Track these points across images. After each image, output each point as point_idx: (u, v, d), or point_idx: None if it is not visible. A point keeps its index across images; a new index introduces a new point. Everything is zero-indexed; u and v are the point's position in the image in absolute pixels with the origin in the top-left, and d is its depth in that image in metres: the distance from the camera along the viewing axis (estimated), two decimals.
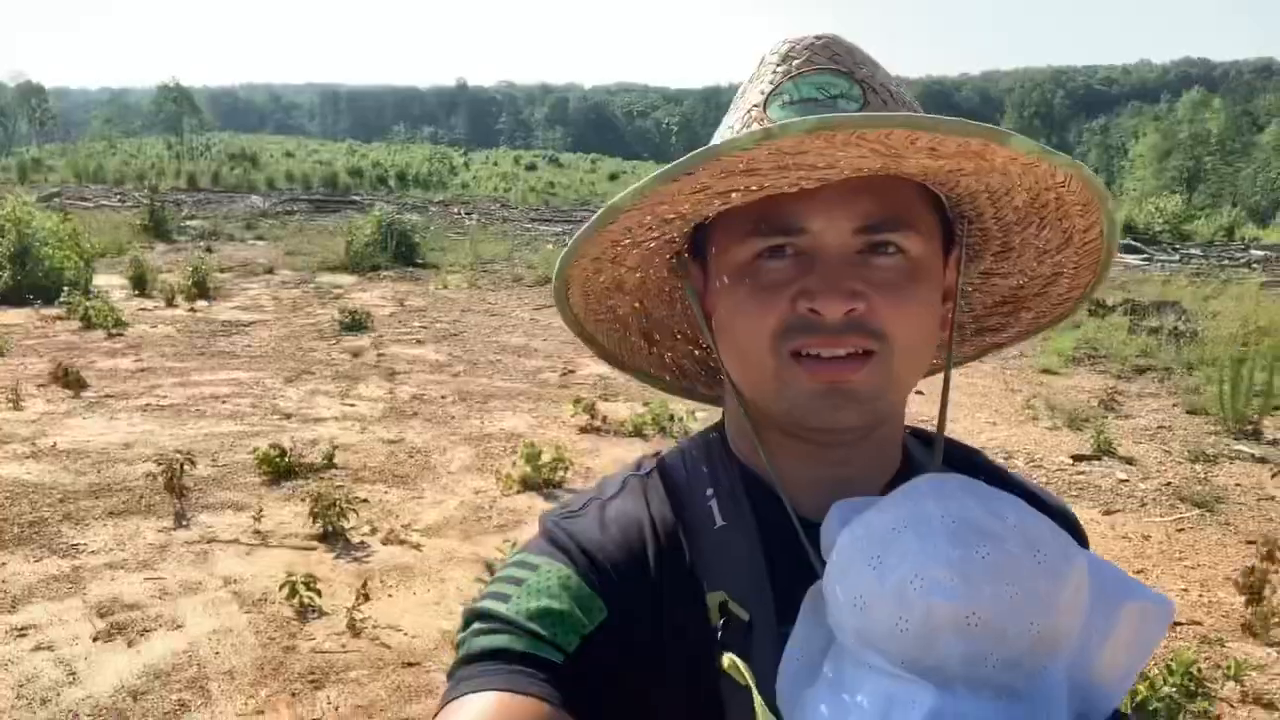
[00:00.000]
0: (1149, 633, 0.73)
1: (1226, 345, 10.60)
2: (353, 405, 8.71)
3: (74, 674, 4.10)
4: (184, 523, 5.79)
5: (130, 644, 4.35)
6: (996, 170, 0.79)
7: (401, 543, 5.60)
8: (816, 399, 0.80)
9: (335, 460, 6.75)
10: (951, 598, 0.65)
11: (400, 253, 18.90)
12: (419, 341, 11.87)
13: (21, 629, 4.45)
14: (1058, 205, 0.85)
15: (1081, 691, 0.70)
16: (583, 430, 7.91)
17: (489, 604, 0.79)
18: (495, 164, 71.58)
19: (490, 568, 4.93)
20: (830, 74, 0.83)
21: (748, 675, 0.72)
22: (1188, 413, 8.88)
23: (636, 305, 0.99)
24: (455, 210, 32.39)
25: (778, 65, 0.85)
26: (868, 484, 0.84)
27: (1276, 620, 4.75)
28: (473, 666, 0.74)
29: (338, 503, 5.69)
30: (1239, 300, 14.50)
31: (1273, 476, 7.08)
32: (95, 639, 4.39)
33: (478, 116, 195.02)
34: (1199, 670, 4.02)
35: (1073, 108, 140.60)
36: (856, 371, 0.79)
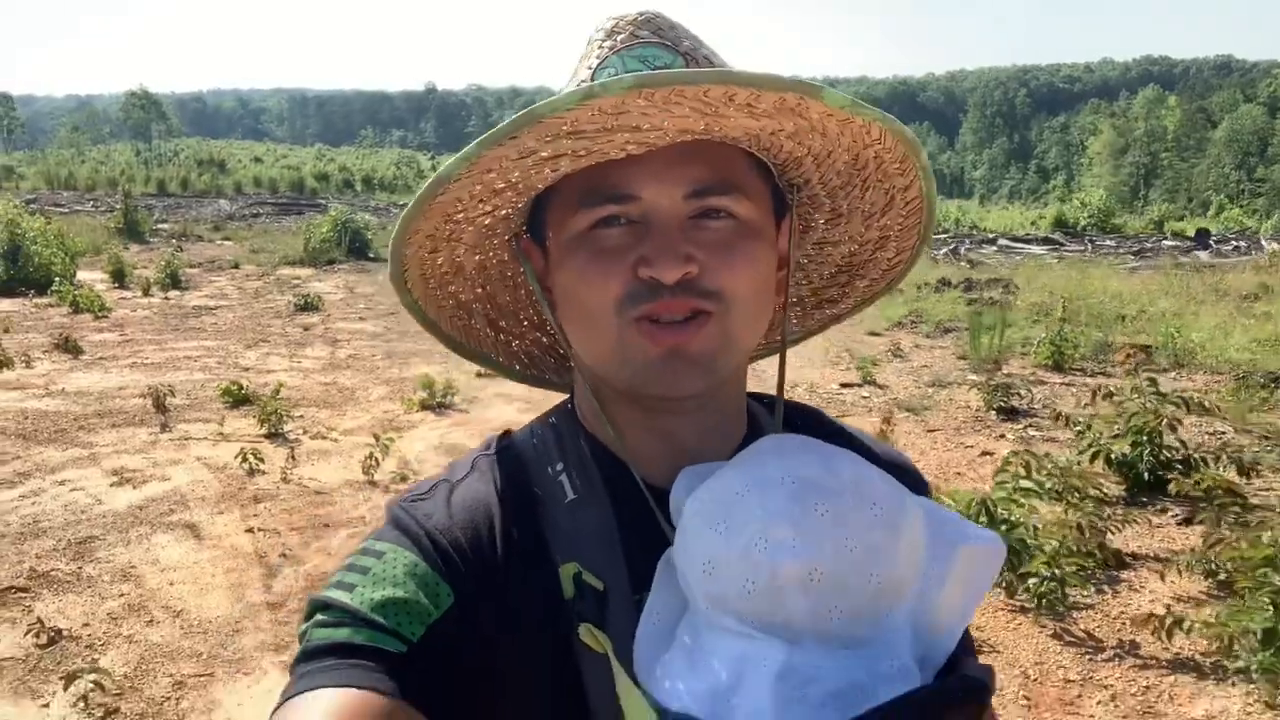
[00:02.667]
0: (982, 573, 0.77)
1: (1024, 310, 13.11)
2: (299, 362, 11.04)
3: (99, 500, 6.41)
4: (167, 429, 8.11)
5: (135, 486, 6.67)
6: (816, 130, 0.83)
7: (324, 438, 7.95)
8: (657, 365, 0.82)
9: (280, 394, 9.04)
10: (795, 556, 0.68)
11: (354, 248, 21.25)
12: (361, 319, 14.20)
13: (61, 480, 6.76)
14: (878, 165, 0.89)
15: (923, 634, 0.73)
16: (479, 375, 10.23)
17: (332, 593, 0.79)
18: None
19: (378, 439, 7.25)
20: (655, 47, 0.85)
21: (604, 643, 0.77)
22: (959, 358, 11.36)
23: (479, 290, 1.00)
24: None
25: (603, 41, 0.88)
26: (715, 450, 0.87)
27: None
28: (311, 663, 0.74)
29: (279, 412, 8.03)
30: (1064, 278, 17.04)
31: (969, 390, 9.56)
32: (111, 485, 6.70)
33: (447, 120, 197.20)
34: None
35: (1036, 106, 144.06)
36: (694, 335, 0.82)
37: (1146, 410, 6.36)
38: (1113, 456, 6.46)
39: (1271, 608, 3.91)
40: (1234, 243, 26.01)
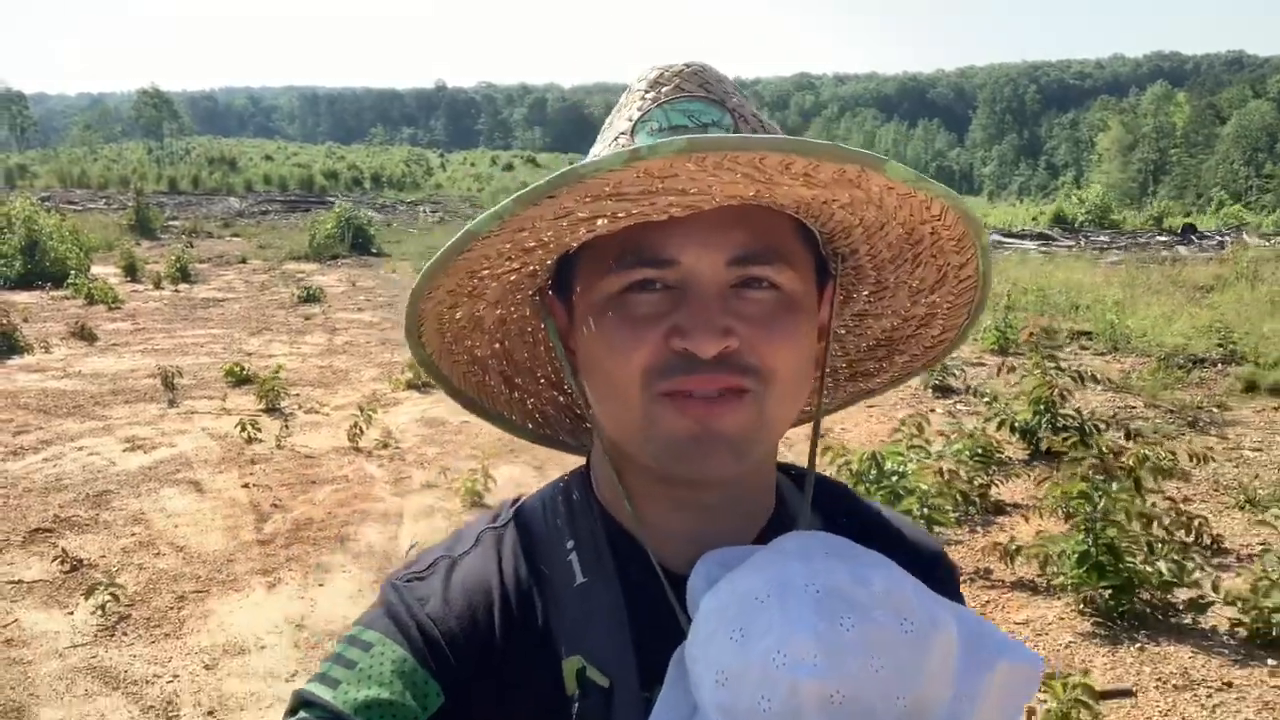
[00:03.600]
0: (1018, 693, 0.73)
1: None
2: (299, 348, 11.91)
3: (113, 463, 7.28)
4: (174, 405, 8.99)
5: (145, 452, 7.55)
6: (872, 202, 0.79)
7: (316, 412, 8.82)
8: (686, 443, 0.77)
9: (279, 375, 9.89)
10: (816, 674, 0.64)
11: (357, 244, 22.15)
12: (359, 309, 15.07)
13: (79, 447, 7.63)
14: (933, 240, 0.85)
15: None
16: None
17: (316, 689, 0.76)
18: (472, 165, 74.14)
19: (363, 410, 8.10)
20: (701, 101, 0.82)
21: None
22: None
23: (496, 346, 0.96)
24: (422, 209, 35.64)
25: (646, 92, 0.84)
26: (739, 533, 0.82)
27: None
28: None
29: (277, 390, 8.90)
30: (1034, 271, 17.83)
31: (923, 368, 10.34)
32: (123, 450, 7.57)
33: (457, 118, 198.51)
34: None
35: (1045, 103, 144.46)
36: (729, 412, 0.77)
37: (1044, 383, 7.18)
38: (1015, 425, 7.28)
39: (1085, 533, 4.72)
40: (1217, 238, 26.67)
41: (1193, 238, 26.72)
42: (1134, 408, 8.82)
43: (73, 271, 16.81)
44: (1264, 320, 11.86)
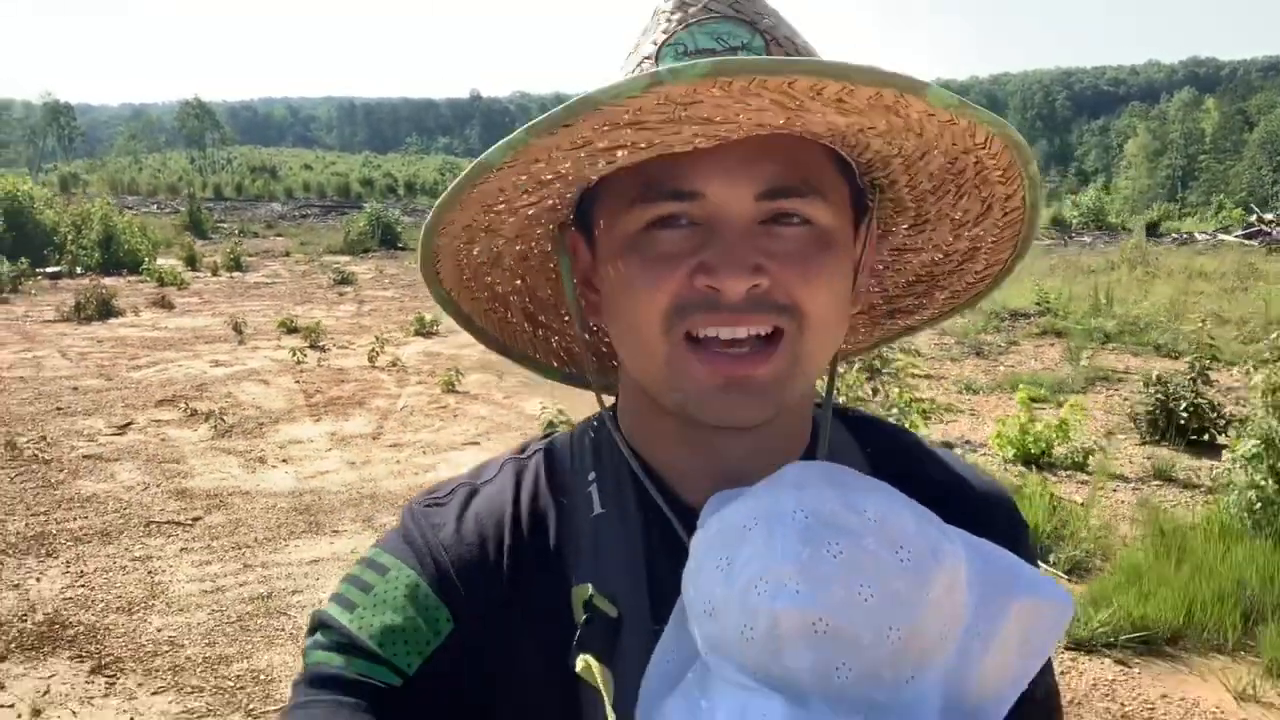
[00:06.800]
0: (1042, 633, 0.70)
1: None
2: (334, 313, 15.33)
3: (205, 371, 10.68)
4: (242, 343, 12.40)
5: (226, 367, 10.95)
6: (911, 130, 0.74)
7: (346, 348, 12.20)
8: (713, 393, 0.75)
9: (319, 325, 13.26)
10: (797, 602, 0.62)
11: (385, 240, 25.69)
12: (384, 289, 18.52)
13: (178, 365, 11.05)
14: (977, 170, 0.80)
15: (961, 702, 0.66)
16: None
17: (333, 611, 0.79)
18: None
19: (378, 339, 11.42)
20: (731, 22, 0.78)
21: (600, 679, 0.73)
22: None
23: (518, 282, 0.94)
24: None
25: (672, 13, 0.80)
26: (767, 471, 0.73)
27: None
28: (307, 693, 0.75)
29: (318, 333, 12.30)
30: None
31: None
32: (211, 366, 10.97)
33: (492, 127, 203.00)
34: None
35: (1078, 109, 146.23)
36: (760, 365, 0.75)
37: None
38: None
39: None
40: (1173, 236, 29.55)
41: (1154, 235, 29.60)
42: (948, 343, 11.98)
43: (145, 260, 20.39)
44: (1109, 290, 14.96)
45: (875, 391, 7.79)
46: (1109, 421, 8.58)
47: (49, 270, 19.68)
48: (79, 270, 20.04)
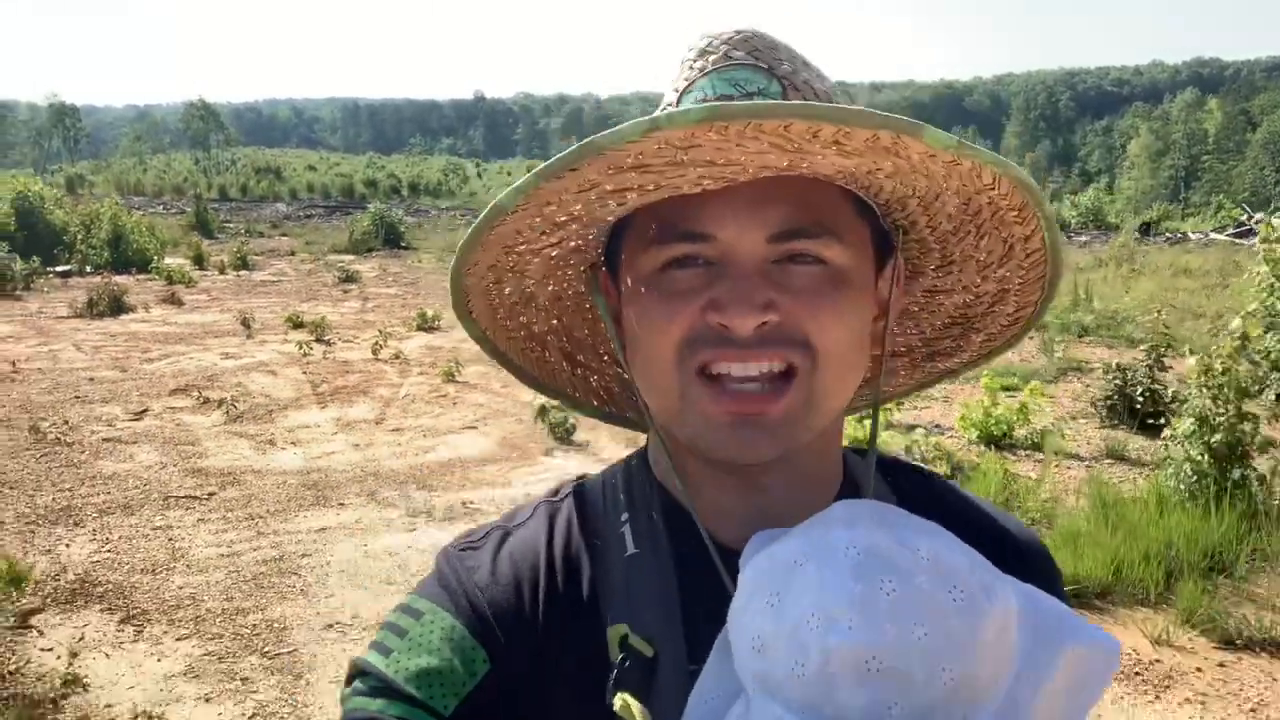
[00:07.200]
0: (1091, 680, 0.70)
1: None
2: (339, 308, 15.83)
3: (215, 364, 11.18)
4: (250, 337, 12.90)
5: (235, 359, 11.44)
6: (918, 171, 0.75)
7: (350, 342, 12.69)
8: (723, 429, 0.77)
9: (325, 321, 13.75)
10: (850, 639, 0.61)
11: (389, 239, 26.20)
12: (388, 286, 19.02)
13: (189, 357, 11.55)
14: (992, 211, 0.82)
15: None
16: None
17: (371, 658, 0.80)
18: (509, 174, 78.30)
19: (381, 333, 11.91)
20: (748, 69, 0.81)
21: (639, 717, 0.73)
22: None
23: (554, 322, 0.97)
24: (454, 214, 39.78)
25: (694, 61, 0.84)
26: (801, 511, 0.75)
27: None
28: None
29: (323, 327, 12.80)
30: None
31: None
32: (221, 359, 11.47)
33: (495, 128, 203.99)
34: None
35: (1081, 110, 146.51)
36: (773, 402, 0.76)
37: None
38: None
39: None
40: (1166, 235, 29.98)
41: (1138, 234, 30.03)
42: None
43: (153, 259, 20.91)
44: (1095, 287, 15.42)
45: None
46: (1075, 408, 9.04)
47: (59, 269, 20.20)
48: (89, 269, 20.56)
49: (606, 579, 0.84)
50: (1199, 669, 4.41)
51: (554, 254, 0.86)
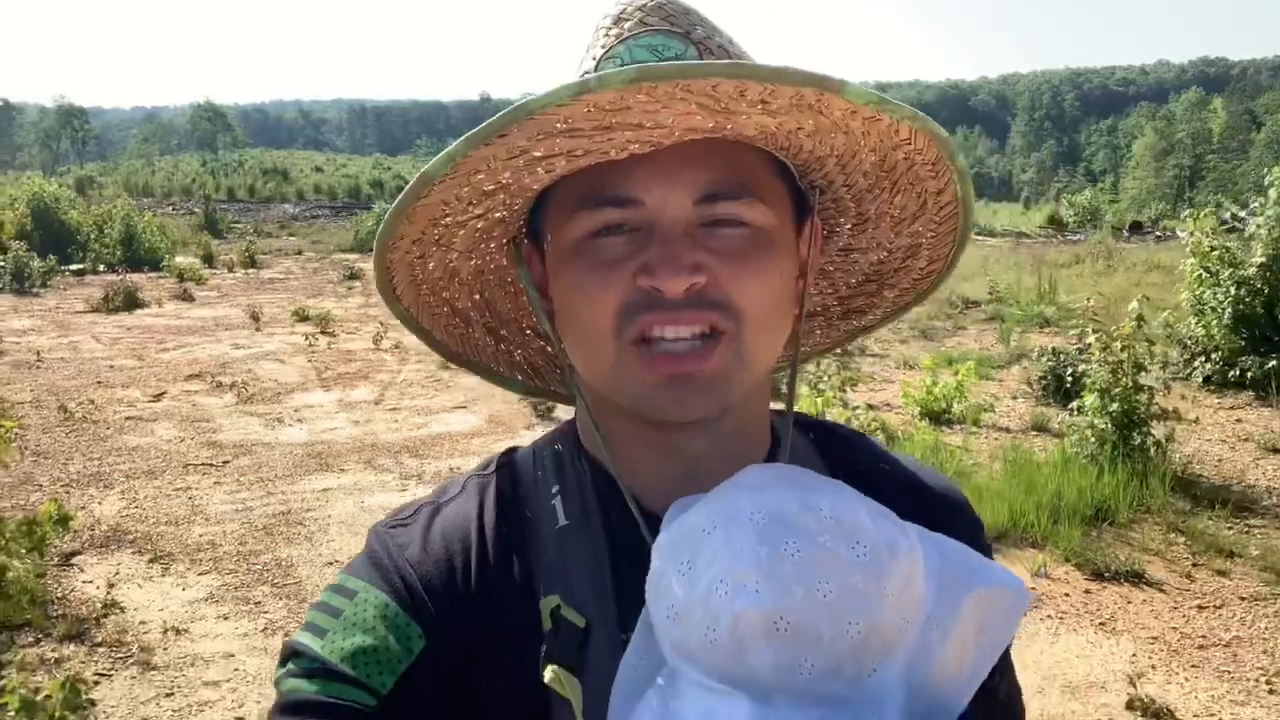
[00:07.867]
0: (999, 623, 0.72)
1: None
2: (343, 304, 16.68)
3: (227, 353, 12.02)
4: (259, 330, 13.74)
5: (244, 349, 12.28)
6: (839, 129, 0.77)
7: (353, 335, 13.52)
8: (658, 389, 0.78)
9: (329, 316, 14.58)
10: (758, 602, 0.63)
11: None
12: None
13: (201, 347, 12.39)
14: (908, 167, 0.84)
15: (923, 693, 0.67)
16: None
17: (305, 639, 0.79)
18: None
19: (382, 324, 12.73)
20: (664, 35, 0.81)
21: (569, 688, 0.75)
22: None
23: (476, 297, 0.97)
24: None
25: (610, 29, 0.84)
26: (726, 475, 0.75)
27: None
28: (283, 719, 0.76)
29: (328, 320, 13.64)
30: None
31: None
32: (231, 349, 12.30)
33: None
34: None
35: (1086, 109, 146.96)
36: (703, 361, 0.77)
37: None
38: None
39: None
40: (1154, 233, 30.71)
41: (1127, 232, 30.76)
42: (900, 327, 13.27)
43: (165, 257, 21.80)
44: (1067, 283, 16.20)
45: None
46: (1018, 389, 9.83)
47: (73, 267, 21.08)
48: (102, 267, 21.43)
49: (538, 551, 0.84)
50: (1066, 594, 5.20)
51: (479, 225, 0.86)
